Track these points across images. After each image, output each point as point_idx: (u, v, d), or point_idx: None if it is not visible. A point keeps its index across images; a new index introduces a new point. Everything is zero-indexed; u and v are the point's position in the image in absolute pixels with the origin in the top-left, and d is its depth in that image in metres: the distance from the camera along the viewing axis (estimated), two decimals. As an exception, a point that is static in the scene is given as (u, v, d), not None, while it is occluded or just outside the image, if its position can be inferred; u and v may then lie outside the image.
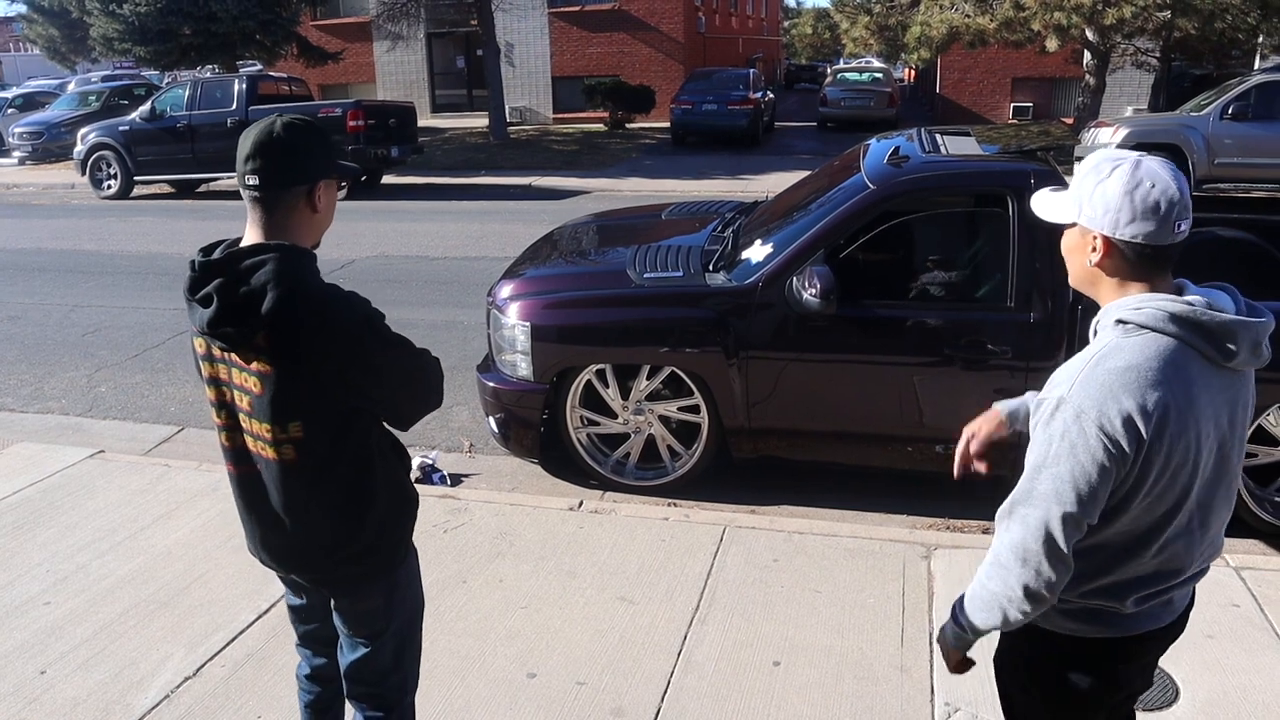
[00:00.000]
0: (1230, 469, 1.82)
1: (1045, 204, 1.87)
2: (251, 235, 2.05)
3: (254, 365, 2.01)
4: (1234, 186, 13.44)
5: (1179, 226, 1.70)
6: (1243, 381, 1.80)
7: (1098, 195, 1.73)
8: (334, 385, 2.02)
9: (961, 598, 1.90)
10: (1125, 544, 1.78)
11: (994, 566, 1.79)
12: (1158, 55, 18.62)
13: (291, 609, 2.51)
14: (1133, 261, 1.74)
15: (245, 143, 2.01)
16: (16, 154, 23.25)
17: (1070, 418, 1.67)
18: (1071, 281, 1.88)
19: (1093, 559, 1.78)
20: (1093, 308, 1.86)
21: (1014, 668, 2.04)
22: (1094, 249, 1.76)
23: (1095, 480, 1.67)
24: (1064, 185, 1.88)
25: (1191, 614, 1.98)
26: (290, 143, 1.99)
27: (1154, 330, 1.70)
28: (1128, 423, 1.64)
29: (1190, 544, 1.82)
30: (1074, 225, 1.80)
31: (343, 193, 2.17)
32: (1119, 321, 1.74)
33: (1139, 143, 13.21)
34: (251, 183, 2.00)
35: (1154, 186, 1.68)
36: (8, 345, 8.02)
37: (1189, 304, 1.70)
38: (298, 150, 2.01)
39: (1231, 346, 1.71)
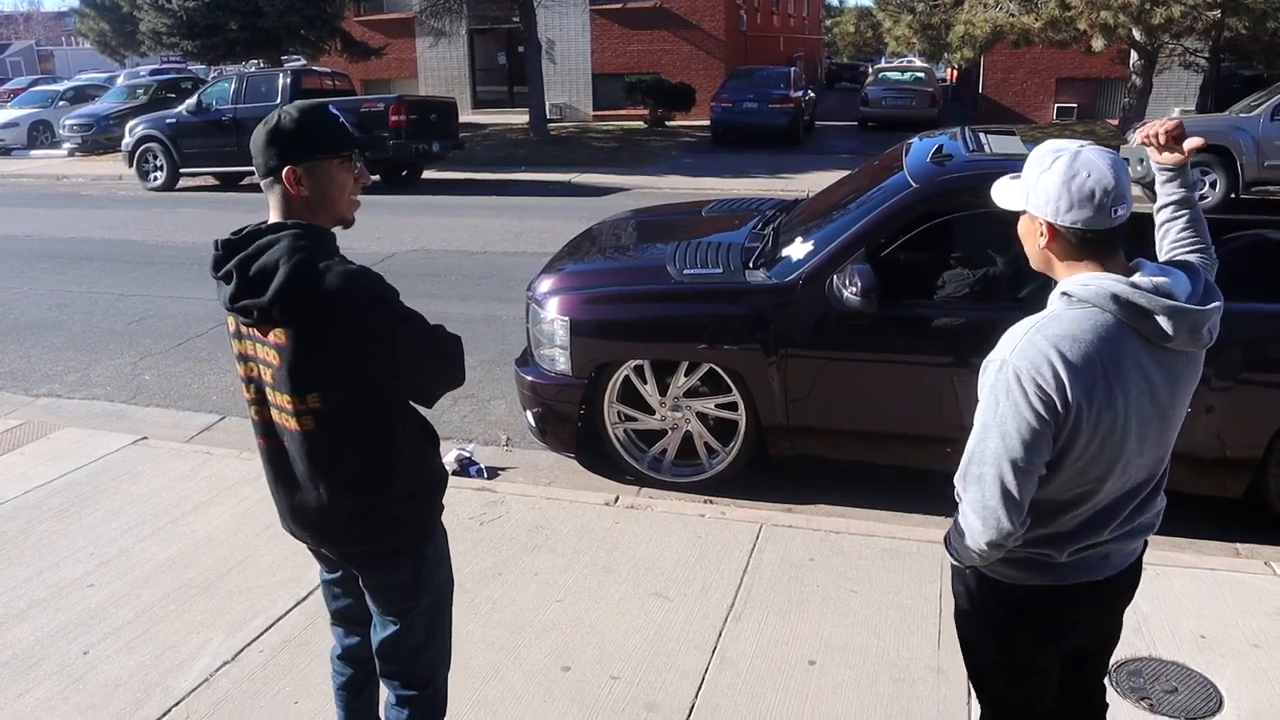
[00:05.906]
0: (1167, 442, 1.96)
1: (1000, 192, 1.99)
2: (272, 218, 2.17)
3: (271, 338, 2.10)
4: (1285, 190, 13.14)
5: (1115, 212, 1.81)
6: (1187, 361, 1.91)
7: (1040, 185, 1.86)
8: (347, 357, 2.10)
9: (949, 534, 2.07)
10: (1061, 502, 1.92)
11: (962, 523, 1.94)
12: (1206, 55, 18.25)
13: (324, 584, 2.56)
14: (1076, 245, 1.86)
15: None
16: (67, 145, 23.77)
17: (1012, 378, 1.81)
18: (1031, 263, 2.01)
19: (1034, 512, 1.90)
20: None
21: (968, 613, 2.19)
22: (1041, 234, 1.89)
23: (1040, 432, 1.80)
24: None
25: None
26: (259, 137, 2.14)
27: (1094, 305, 1.83)
28: (1059, 383, 1.77)
29: (1117, 506, 1.95)
30: (1024, 212, 1.93)
31: (365, 173, 2.25)
32: (1064, 294, 1.87)
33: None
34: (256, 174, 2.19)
35: (1089, 176, 1.80)
36: (56, 332, 8.18)
37: (1133, 286, 1.81)
38: (264, 144, 2.13)
39: (1167, 330, 1.81)
